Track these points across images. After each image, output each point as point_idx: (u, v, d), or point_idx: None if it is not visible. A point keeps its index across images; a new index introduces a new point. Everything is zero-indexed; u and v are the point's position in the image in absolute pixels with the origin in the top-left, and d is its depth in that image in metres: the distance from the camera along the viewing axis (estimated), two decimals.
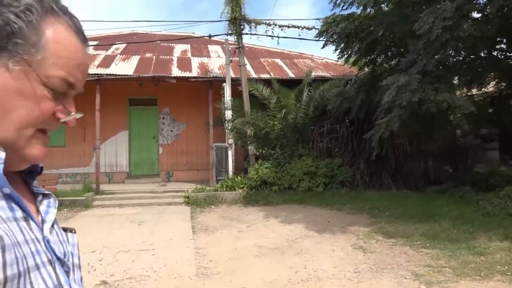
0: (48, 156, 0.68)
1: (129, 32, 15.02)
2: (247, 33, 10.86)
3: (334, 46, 8.74)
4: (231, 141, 10.80)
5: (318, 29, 9.08)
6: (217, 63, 12.62)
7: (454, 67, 7.64)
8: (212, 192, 9.68)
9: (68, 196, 9.11)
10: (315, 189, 9.49)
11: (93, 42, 12.98)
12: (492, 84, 10.78)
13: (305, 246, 5.68)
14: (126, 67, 11.46)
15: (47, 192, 0.72)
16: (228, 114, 10.67)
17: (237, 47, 10.84)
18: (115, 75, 10.60)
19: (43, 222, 0.66)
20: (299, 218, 7.48)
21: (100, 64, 11.33)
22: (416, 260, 4.86)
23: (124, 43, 13.61)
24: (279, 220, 7.43)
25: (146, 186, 10.99)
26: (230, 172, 10.67)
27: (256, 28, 10.80)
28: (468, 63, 7.67)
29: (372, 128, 7.99)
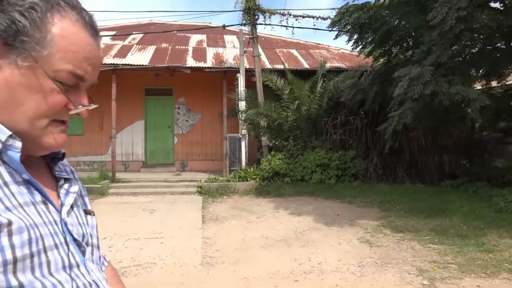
0: (67, 144, 0.71)
1: (146, 22, 15.16)
2: (261, 23, 10.78)
3: (347, 36, 8.57)
4: (245, 132, 10.82)
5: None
6: (232, 53, 12.60)
7: (470, 59, 7.38)
8: (225, 183, 9.76)
9: (85, 184, 8.79)
10: (327, 181, 9.44)
11: (110, 32, 13.16)
12: None
13: (311, 239, 5.69)
14: (142, 57, 11.59)
15: (68, 177, 0.77)
16: (242, 105, 10.67)
17: (251, 37, 10.78)
18: (130, 65, 10.74)
19: (61, 205, 0.71)
20: (308, 210, 7.48)
21: (116, 54, 11.50)
22: (422, 255, 4.81)
23: (141, 33, 13.74)
24: (289, 212, 7.45)
25: (161, 175, 11.16)
26: (243, 163, 10.72)
27: (271, 18, 10.72)
28: (485, 55, 7.39)
29: (386, 120, 7.85)
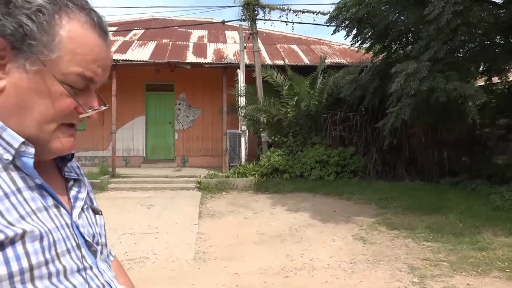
0: None
1: (148, 17, 15.15)
2: (260, 18, 10.74)
3: (345, 32, 8.50)
4: (244, 127, 10.80)
5: None
6: (232, 49, 12.56)
7: (469, 55, 7.28)
8: (224, 179, 9.78)
9: None
10: (326, 178, 9.41)
11: (112, 28, 13.17)
12: None
13: (306, 235, 5.69)
14: (142, 53, 11.60)
15: (77, 178, 0.77)
16: (242, 101, 10.64)
17: (251, 32, 10.74)
18: (130, 60, 10.75)
19: (72, 208, 0.71)
20: (305, 207, 7.47)
21: (117, 50, 11.50)
22: (415, 253, 4.79)
23: (143, 29, 13.74)
24: (286, 208, 7.45)
25: (161, 171, 11.20)
26: (243, 159, 10.71)
27: (270, 13, 10.66)
28: (483, 50, 7.28)
29: (386, 116, 7.80)
